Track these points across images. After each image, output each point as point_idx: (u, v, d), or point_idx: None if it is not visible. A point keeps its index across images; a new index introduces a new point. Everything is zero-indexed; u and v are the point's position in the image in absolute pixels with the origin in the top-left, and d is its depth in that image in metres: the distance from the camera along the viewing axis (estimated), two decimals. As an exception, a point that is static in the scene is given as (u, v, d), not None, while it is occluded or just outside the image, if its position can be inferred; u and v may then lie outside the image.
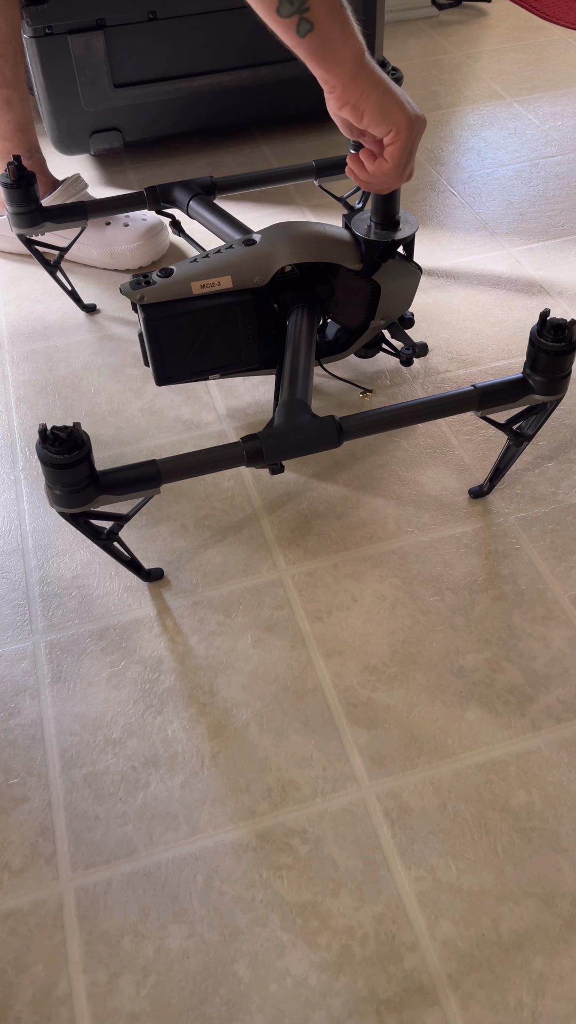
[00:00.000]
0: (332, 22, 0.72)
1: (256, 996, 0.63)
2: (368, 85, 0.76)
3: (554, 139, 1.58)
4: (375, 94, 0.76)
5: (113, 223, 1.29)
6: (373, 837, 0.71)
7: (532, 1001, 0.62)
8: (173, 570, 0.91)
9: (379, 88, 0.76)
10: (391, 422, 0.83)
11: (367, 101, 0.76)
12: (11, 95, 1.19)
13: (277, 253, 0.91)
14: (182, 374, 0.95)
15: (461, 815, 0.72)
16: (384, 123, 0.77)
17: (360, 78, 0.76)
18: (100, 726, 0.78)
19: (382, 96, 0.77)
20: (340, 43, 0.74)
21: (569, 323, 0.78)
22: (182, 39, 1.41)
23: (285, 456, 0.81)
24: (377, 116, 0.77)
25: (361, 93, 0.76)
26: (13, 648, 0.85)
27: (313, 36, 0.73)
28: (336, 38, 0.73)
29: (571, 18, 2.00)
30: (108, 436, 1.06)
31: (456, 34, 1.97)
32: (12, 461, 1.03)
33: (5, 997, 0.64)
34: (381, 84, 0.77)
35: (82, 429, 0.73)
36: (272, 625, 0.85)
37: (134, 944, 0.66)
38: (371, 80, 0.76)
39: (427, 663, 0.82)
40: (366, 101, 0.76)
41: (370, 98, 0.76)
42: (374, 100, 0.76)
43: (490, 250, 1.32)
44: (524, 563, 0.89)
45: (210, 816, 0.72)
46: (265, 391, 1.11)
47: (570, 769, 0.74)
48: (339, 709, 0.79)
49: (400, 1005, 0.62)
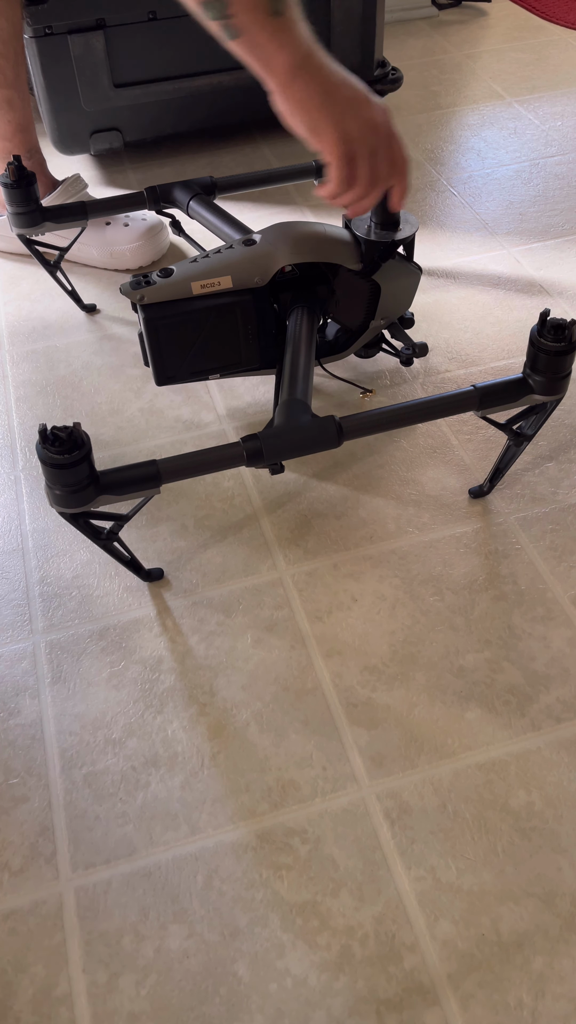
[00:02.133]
0: (259, 29, 0.69)
1: (256, 996, 0.63)
2: (302, 96, 0.72)
3: (554, 139, 1.58)
4: (307, 106, 0.72)
5: (113, 223, 1.29)
6: (373, 837, 0.71)
7: (532, 1001, 0.62)
8: (173, 570, 0.91)
9: (313, 100, 0.72)
10: (391, 422, 0.83)
11: (298, 115, 0.73)
12: (12, 95, 1.19)
13: (277, 253, 0.91)
14: (182, 374, 0.95)
15: (461, 815, 0.72)
16: (313, 139, 0.74)
17: (293, 88, 0.72)
18: (100, 726, 0.78)
19: (315, 110, 0.72)
20: (271, 50, 0.70)
21: (569, 323, 0.78)
22: (182, 39, 1.41)
23: (285, 456, 0.81)
24: (307, 132, 0.74)
25: (293, 105, 0.72)
26: (13, 648, 0.85)
27: (241, 41, 0.70)
28: (266, 45, 0.70)
29: (571, 18, 2.00)
30: (108, 436, 1.06)
31: (456, 34, 1.97)
32: (12, 461, 1.03)
33: (5, 997, 0.64)
34: (316, 97, 0.72)
35: (82, 429, 0.73)
36: (272, 625, 0.85)
37: (134, 944, 0.66)
38: (306, 92, 0.72)
39: (427, 663, 0.82)
40: (297, 114, 0.73)
41: (302, 111, 0.72)
42: (304, 114, 0.73)
43: (490, 250, 1.32)
44: (524, 563, 0.89)
45: (210, 816, 0.72)
46: (265, 391, 1.11)
47: (570, 769, 0.74)
48: (339, 709, 0.79)
49: (400, 1005, 0.62)
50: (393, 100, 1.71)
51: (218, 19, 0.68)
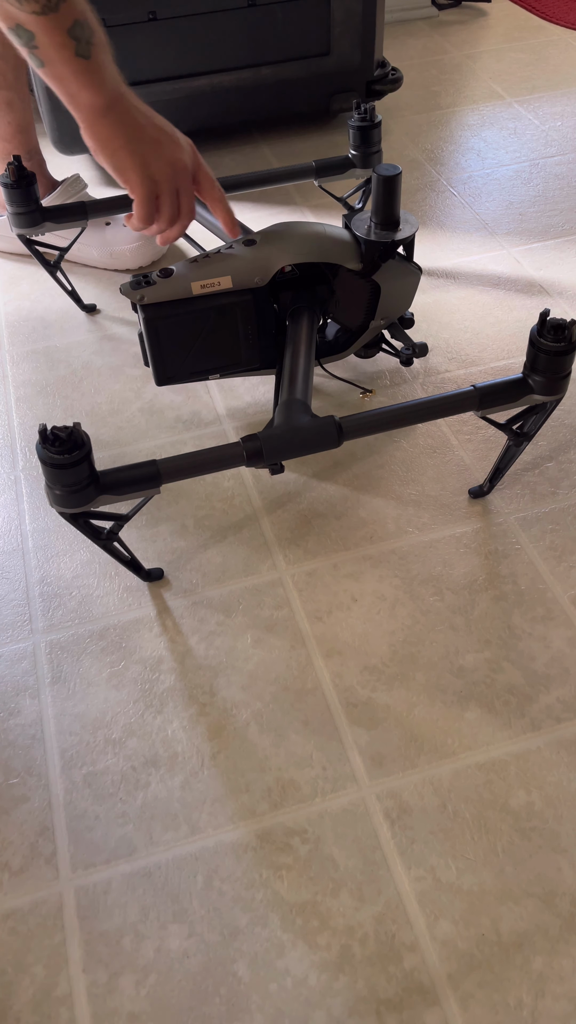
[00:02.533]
0: (63, 64, 0.70)
1: (256, 996, 0.63)
2: (107, 136, 0.75)
3: (554, 139, 1.58)
4: (112, 146, 0.75)
5: (113, 223, 1.29)
6: (373, 837, 0.71)
7: (532, 1001, 0.62)
8: (173, 570, 0.91)
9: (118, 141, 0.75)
10: (391, 422, 0.83)
11: (103, 153, 0.76)
12: (11, 97, 1.19)
13: (277, 253, 0.91)
14: (182, 374, 0.95)
15: (461, 815, 0.72)
16: (118, 177, 0.78)
17: (98, 127, 0.74)
18: (100, 726, 0.78)
19: (120, 150, 0.75)
20: (76, 87, 0.72)
21: (569, 323, 0.78)
22: (182, 39, 1.41)
23: (285, 456, 0.81)
24: (111, 170, 0.77)
25: (98, 143, 0.75)
26: (13, 648, 0.85)
27: (46, 72, 0.71)
28: (70, 81, 0.72)
29: (571, 18, 2.00)
30: (108, 436, 1.06)
31: (456, 34, 1.97)
32: (12, 461, 1.03)
33: (5, 997, 0.64)
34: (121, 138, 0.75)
35: (82, 429, 0.73)
36: (272, 625, 0.85)
37: (134, 944, 0.66)
38: (111, 132, 0.75)
39: (427, 663, 0.82)
40: (102, 152, 0.76)
41: (106, 150, 0.76)
42: (109, 153, 0.76)
43: (490, 250, 1.32)
44: (524, 563, 0.90)
45: (210, 816, 0.72)
46: (265, 391, 1.11)
47: (570, 769, 0.74)
48: (339, 709, 0.79)
49: (400, 1005, 0.62)
50: (393, 100, 1.71)
51: (25, 47, 0.69)
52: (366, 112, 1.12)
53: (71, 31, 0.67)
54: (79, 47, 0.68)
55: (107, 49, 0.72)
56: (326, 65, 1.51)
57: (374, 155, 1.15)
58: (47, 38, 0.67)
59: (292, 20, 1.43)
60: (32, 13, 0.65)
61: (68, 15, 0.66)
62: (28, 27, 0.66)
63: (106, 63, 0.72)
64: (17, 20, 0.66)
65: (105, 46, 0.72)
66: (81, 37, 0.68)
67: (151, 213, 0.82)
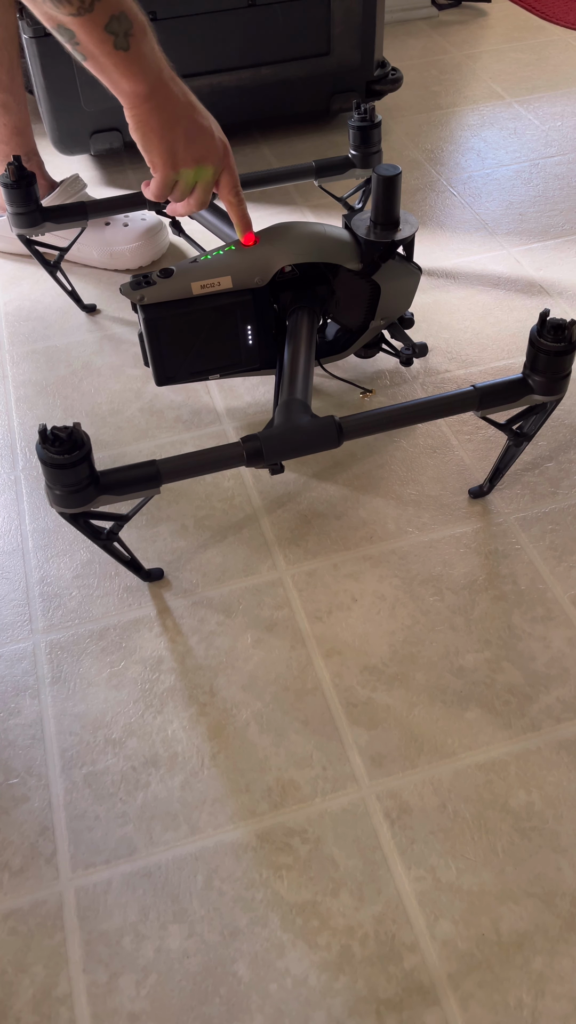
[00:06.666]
0: (104, 57, 0.74)
1: (256, 996, 0.63)
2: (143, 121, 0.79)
3: (554, 139, 1.58)
4: (144, 130, 0.80)
5: (113, 223, 1.29)
6: (373, 837, 0.71)
7: (532, 1001, 0.62)
8: (173, 570, 0.91)
9: (149, 126, 0.80)
10: (391, 422, 0.83)
11: (137, 133, 0.81)
12: (7, 99, 1.19)
13: (277, 253, 0.91)
14: (182, 374, 0.95)
15: (461, 815, 0.72)
16: (147, 157, 0.83)
17: (136, 111, 0.79)
18: (100, 726, 0.78)
19: (149, 134, 0.80)
20: (117, 76, 0.76)
21: (569, 323, 0.78)
22: (182, 39, 1.41)
23: (285, 456, 0.81)
24: (142, 149, 0.82)
25: (134, 124, 0.80)
26: (13, 648, 0.85)
27: (90, 64, 0.76)
28: (112, 71, 0.76)
29: (571, 18, 2.00)
30: (108, 436, 1.06)
31: (456, 34, 1.97)
32: (12, 461, 1.03)
33: (5, 997, 0.64)
34: (153, 124, 0.79)
35: (82, 429, 0.73)
36: (272, 625, 0.85)
37: (134, 944, 0.66)
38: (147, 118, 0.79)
39: (427, 663, 0.82)
40: (137, 132, 0.81)
41: (139, 131, 0.80)
42: (142, 135, 0.80)
43: (490, 250, 1.32)
44: (524, 563, 0.90)
45: (210, 816, 0.72)
46: (265, 391, 1.11)
47: (570, 769, 0.74)
48: (339, 709, 0.79)
49: (400, 1005, 0.62)
50: (393, 100, 1.71)
51: (68, 44, 0.74)
52: (366, 112, 1.12)
53: (108, 27, 0.71)
54: (117, 40, 0.73)
55: (149, 38, 0.76)
56: (326, 65, 1.51)
57: (374, 155, 1.15)
58: (86, 36, 0.72)
59: (292, 20, 1.43)
60: (70, 15, 0.70)
61: (104, 12, 0.71)
62: (68, 27, 0.71)
63: (146, 53, 0.76)
64: (58, 21, 0.71)
65: (146, 36, 0.75)
66: (119, 31, 0.72)
67: (166, 194, 0.87)
